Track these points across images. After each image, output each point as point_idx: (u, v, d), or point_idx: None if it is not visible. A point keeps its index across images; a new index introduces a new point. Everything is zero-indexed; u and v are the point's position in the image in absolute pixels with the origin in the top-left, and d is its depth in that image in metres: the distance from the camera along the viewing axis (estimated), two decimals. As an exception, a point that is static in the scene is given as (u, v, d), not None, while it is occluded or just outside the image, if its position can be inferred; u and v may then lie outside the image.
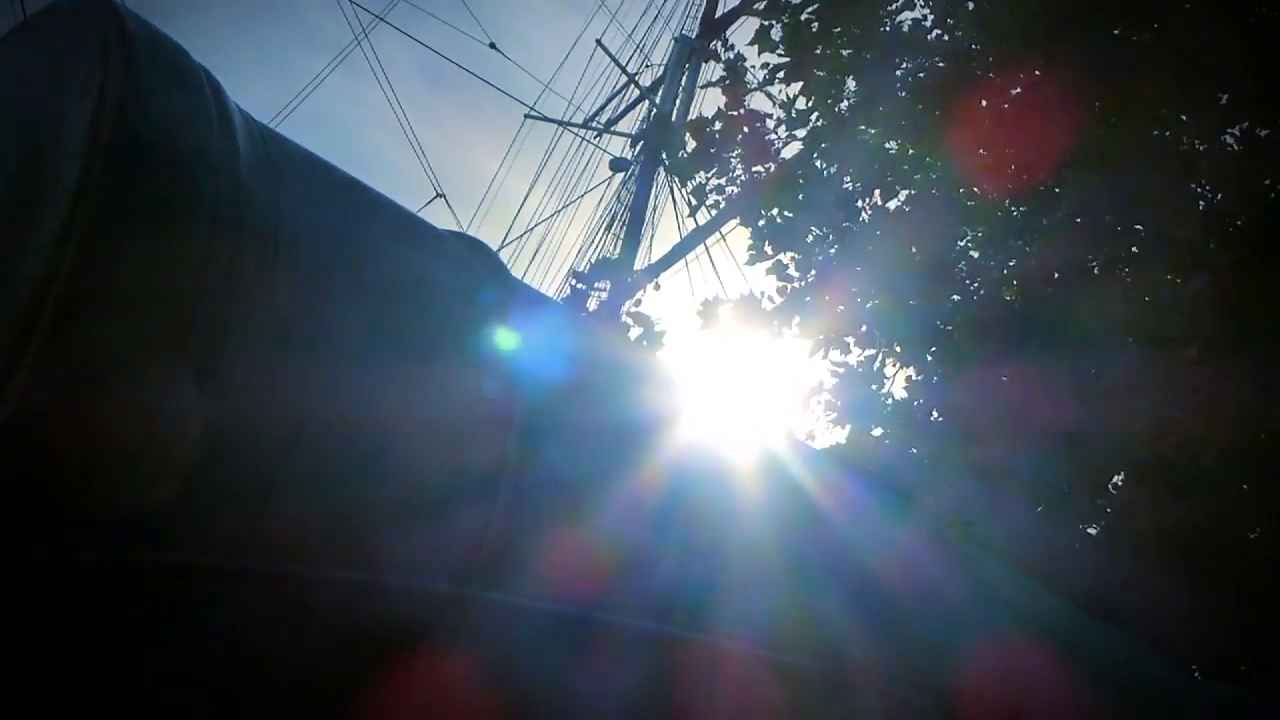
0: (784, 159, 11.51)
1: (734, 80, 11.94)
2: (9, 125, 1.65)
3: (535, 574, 1.82)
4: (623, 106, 22.22)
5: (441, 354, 1.83)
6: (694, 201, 13.28)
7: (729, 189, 12.29)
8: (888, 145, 10.85)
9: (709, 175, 12.35)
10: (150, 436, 1.45)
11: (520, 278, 2.44)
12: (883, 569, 2.31)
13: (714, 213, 14.27)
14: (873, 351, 11.24)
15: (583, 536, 1.90)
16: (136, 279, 1.46)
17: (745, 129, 11.66)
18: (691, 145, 12.38)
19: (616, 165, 20.44)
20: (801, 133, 11.24)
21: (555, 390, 1.97)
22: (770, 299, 11.86)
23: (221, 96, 1.65)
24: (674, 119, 20.16)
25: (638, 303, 17.62)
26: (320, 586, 1.62)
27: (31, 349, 1.33)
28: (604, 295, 17.45)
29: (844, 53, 10.74)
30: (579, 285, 17.32)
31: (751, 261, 11.55)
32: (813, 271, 11.48)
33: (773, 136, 11.63)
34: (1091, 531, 9.63)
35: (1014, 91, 9.69)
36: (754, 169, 11.72)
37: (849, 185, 11.09)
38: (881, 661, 1.97)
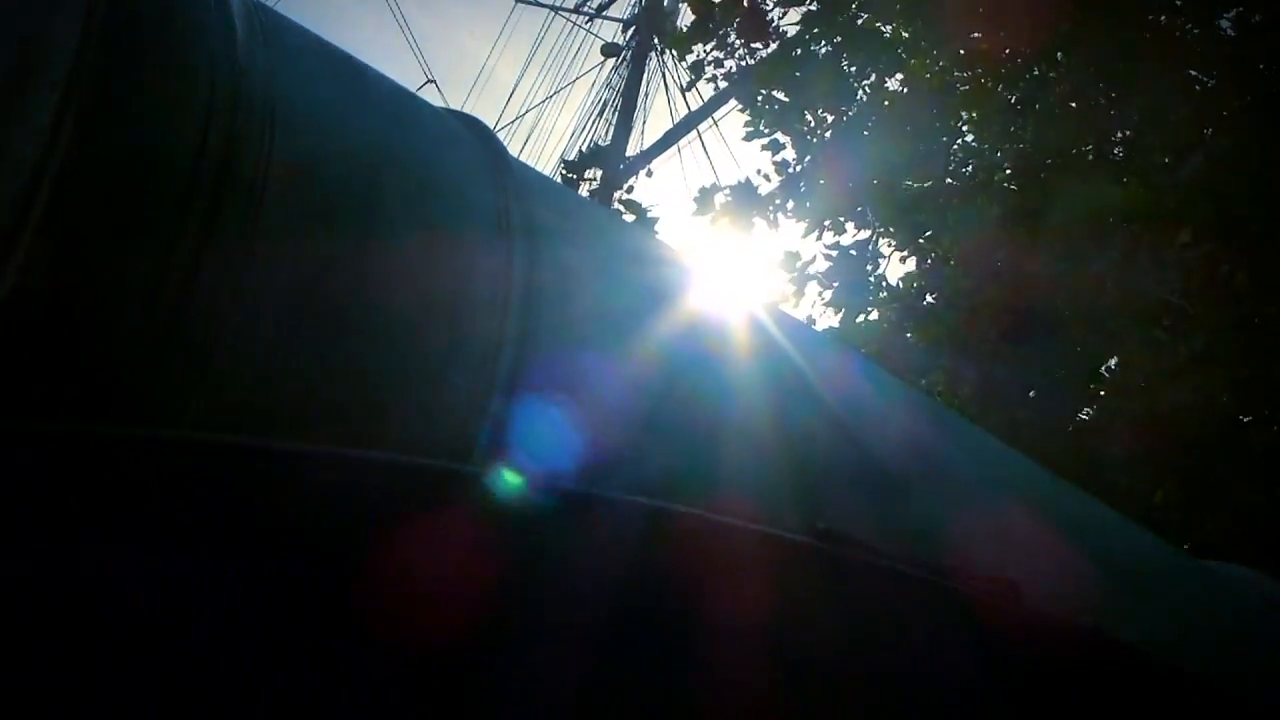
0: (783, 35, 11.45)
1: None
2: (5, 3, 1.63)
3: (534, 450, 1.83)
4: (615, -11, 21.96)
5: (439, 230, 1.82)
6: (691, 78, 13.22)
7: (727, 63, 12.23)
8: (882, 28, 10.78)
9: (707, 50, 12.28)
10: (150, 312, 1.45)
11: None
12: (880, 445, 2.33)
13: (713, 90, 14.21)
14: (867, 233, 11.25)
15: (582, 414, 1.90)
16: (134, 155, 1.45)
17: (745, 3, 11.56)
18: (689, 19, 12.28)
19: (608, 51, 20.26)
20: (797, 14, 11.17)
21: (555, 267, 1.97)
22: (766, 178, 11.86)
23: (217, -29, 1.64)
24: (666, 3, 19.96)
25: (629, 190, 17.60)
26: (316, 462, 1.63)
27: (30, 226, 1.33)
28: (595, 184, 17.43)
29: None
30: (570, 175, 17.28)
31: (749, 138, 11.53)
32: (809, 156, 11.47)
33: (768, 7, 11.54)
34: (1085, 415, 9.69)
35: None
36: (753, 45, 11.65)
37: (846, 67, 11.04)
38: (879, 537, 1.98)
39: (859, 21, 10.71)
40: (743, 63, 11.95)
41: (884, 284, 11.21)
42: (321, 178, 1.68)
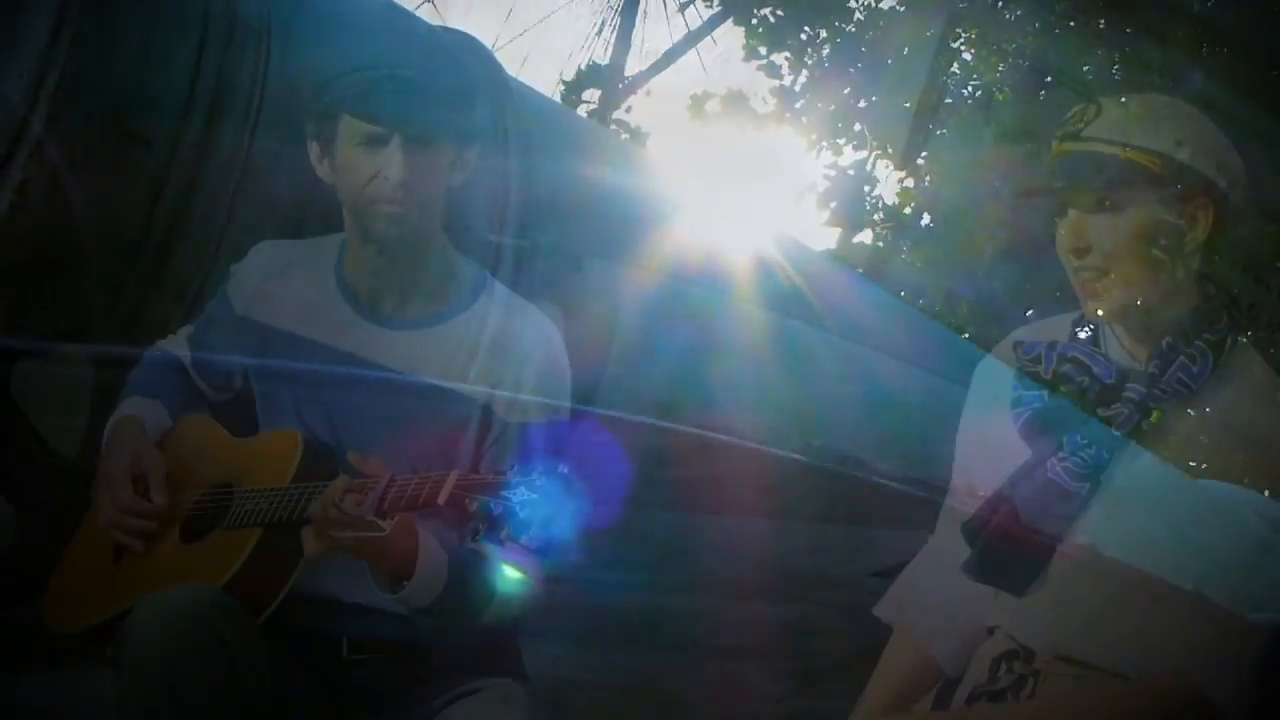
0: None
1: None
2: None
3: (535, 367, 1.82)
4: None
5: (438, 143, 1.81)
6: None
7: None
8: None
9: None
10: (146, 229, 1.45)
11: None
12: (878, 365, 2.33)
13: (708, 9, 14.10)
14: (865, 153, 11.18)
15: (578, 333, 1.90)
16: (129, 76, 1.45)
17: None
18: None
19: (605, -34, 20.05)
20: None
21: (550, 184, 1.97)
22: (763, 100, 11.75)
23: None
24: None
25: (628, 110, 17.50)
26: (313, 376, 1.65)
27: (26, 147, 1.33)
28: (594, 106, 17.30)
29: None
30: (569, 95, 17.16)
31: (746, 59, 11.43)
32: (804, 73, 11.37)
33: None
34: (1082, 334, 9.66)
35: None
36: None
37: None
38: (877, 456, 1.99)
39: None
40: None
41: (881, 204, 11.16)
42: (317, 95, 1.67)
